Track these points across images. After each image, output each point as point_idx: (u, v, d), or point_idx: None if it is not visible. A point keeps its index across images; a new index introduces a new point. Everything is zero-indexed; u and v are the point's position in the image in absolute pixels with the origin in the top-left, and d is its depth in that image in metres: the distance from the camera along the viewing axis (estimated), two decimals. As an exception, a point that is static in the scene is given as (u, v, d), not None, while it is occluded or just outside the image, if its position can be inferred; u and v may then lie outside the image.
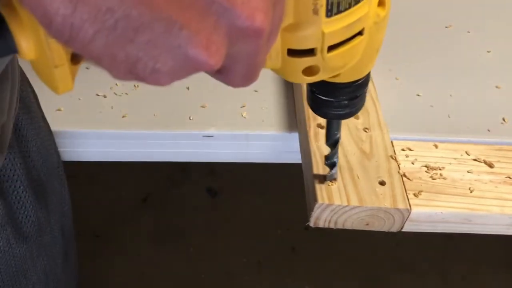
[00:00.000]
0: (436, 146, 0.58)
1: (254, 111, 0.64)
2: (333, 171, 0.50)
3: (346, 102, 0.41)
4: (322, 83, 0.39)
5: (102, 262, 1.45)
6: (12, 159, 0.48)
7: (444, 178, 0.54)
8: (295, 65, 0.34)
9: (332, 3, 0.31)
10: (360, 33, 0.34)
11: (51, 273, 0.57)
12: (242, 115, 0.63)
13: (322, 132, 0.55)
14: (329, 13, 0.31)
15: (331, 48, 0.33)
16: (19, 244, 0.50)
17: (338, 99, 0.41)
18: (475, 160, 0.56)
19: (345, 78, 0.39)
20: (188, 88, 0.66)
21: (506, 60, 0.75)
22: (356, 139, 0.55)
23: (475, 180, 0.54)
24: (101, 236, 1.51)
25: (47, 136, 0.56)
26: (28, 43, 0.27)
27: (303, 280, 1.46)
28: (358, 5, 0.32)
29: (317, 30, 0.32)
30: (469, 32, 0.80)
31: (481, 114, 0.66)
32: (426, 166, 0.55)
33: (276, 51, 0.33)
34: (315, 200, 0.49)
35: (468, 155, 0.57)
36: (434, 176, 0.54)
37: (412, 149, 0.57)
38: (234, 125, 0.62)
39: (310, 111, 0.57)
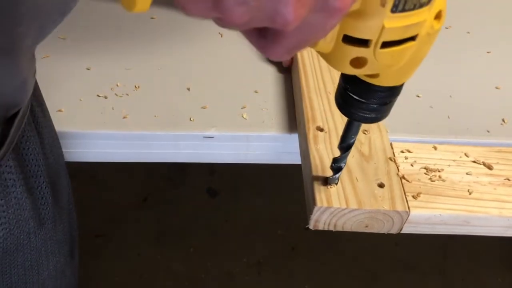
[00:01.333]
0: (435, 148, 0.58)
1: (254, 112, 0.64)
2: (337, 175, 0.50)
3: (376, 106, 0.42)
4: (359, 81, 0.40)
5: (102, 262, 1.45)
6: (36, 154, 0.49)
7: (443, 180, 0.54)
8: (345, 53, 0.35)
9: (400, 0, 0.32)
10: (413, 38, 0.35)
11: (60, 270, 0.58)
12: (243, 116, 0.64)
13: (321, 135, 0.55)
14: (395, 8, 0.32)
15: (385, 44, 0.34)
16: (37, 238, 0.51)
17: (369, 101, 0.41)
18: (474, 162, 0.56)
19: (384, 81, 0.40)
20: (188, 89, 0.67)
21: (506, 61, 0.75)
22: (356, 142, 0.55)
23: (474, 182, 0.54)
24: (101, 236, 1.52)
25: (55, 134, 0.57)
26: None
27: (303, 280, 1.46)
28: (421, 9, 0.33)
29: (379, 22, 0.33)
30: (469, 32, 0.80)
31: (480, 115, 0.66)
32: (425, 168, 0.55)
33: (332, 34, 0.34)
34: (314, 203, 0.49)
35: (467, 157, 0.57)
36: (433, 178, 0.54)
37: (411, 151, 0.57)
38: (235, 126, 0.62)
39: (310, 114, 0.58)
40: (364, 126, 0.57)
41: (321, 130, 0.56)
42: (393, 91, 0.41)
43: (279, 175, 1.58)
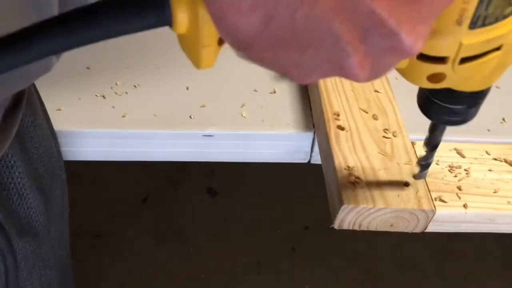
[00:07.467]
0: (456, 147, 0.57)
1: (254, 110, 0.64)
2: (426, 171, 0.50)
3: (462, 109, 0.40)
4: (442, 88, 0.37)
5: (102, 262, 1.45)
6: (21, 161, 0.48)
7: (467, 178, 0.53)
8: (421, 70, 0.34)
9: (478, 16, 0.30)
10: (497, 48, 0.33)
11: (46, 284, 0.56)
12: (242, 115, 0.63)
13: (343, 134, 0.55)
14: (473, 25, 0.30)
15: (464, 60, 0.32)
16: (18, 247, 0.49)
17: (455, 106, 0.40)
18: (495, 159, 0.56)
19: (468, 87, 0.37)
20: (187, 88, 0.67)
21: (506, 60, 0.75)
22: (378, 141, 0.54)
23: (497, 179, 0.54)
24: (101, 236, 1.51)
25: (50, 139, 0.56)
26: (183, 18, 0.28)
27: (303, 280, 1.46)
28: (504, 21, 0.31)
29: (456, 40, 0.31)
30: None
31: (480, 114, 0.65)
32: (449, 166, 0.54)
33: None
34: (340, 202, 0.48)
35: (488, 154, 0.57)
36: (458, 176, 0.53)
37: None
38: (234, 124, 0.62)
39: (329, 113, 0.57)
40: (384, 125, 0.57)
41: (342, 129, 0.56)
42: (481, 95, 0.39)
43: (279, 175, 1.58)
